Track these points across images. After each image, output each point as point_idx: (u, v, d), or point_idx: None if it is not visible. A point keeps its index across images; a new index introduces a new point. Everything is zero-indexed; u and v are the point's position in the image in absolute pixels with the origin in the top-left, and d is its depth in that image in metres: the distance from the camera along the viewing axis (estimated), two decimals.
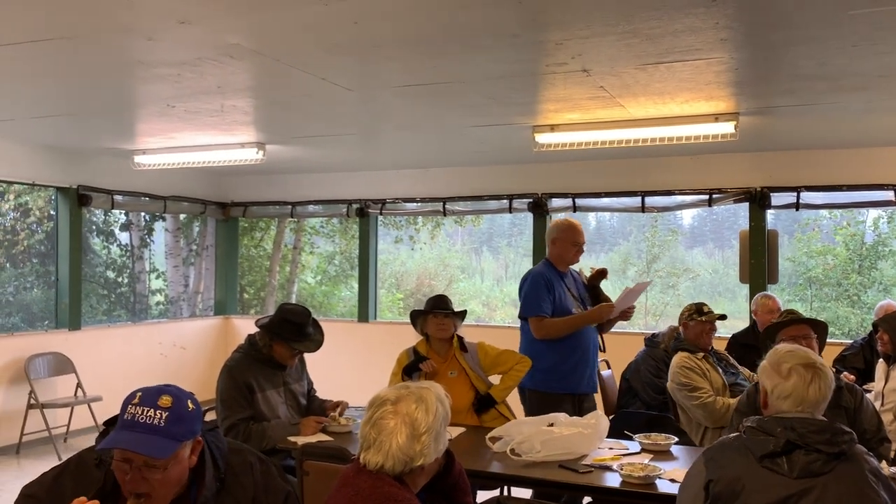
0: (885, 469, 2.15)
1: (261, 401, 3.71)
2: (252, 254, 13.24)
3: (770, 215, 6.80)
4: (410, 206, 8.02)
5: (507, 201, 7.47)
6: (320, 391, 4.19)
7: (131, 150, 6.76)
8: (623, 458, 3.26)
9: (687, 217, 21.11)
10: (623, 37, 3.37)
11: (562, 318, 4.24)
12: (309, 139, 6.15)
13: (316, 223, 13.68)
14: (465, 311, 4.21)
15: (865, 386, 4.56)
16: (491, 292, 18.82)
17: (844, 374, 4.56)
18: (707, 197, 6.73)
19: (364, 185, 8.09)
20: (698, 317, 4.36)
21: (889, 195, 6.17)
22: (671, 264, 16.82)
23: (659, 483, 2.93)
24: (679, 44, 3.46)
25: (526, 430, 3.35)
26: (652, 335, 5.15)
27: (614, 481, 3.00)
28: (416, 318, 4.17)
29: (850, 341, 5.78)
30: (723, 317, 4.45)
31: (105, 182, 7.32)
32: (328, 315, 13.43)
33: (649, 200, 6.94)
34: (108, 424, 1.99)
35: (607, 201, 7.24)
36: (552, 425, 3.41)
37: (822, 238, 14.18)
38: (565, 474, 3.10)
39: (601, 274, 4.61)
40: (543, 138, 5.45)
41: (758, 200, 6.57)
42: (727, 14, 3.09)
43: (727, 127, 4.96)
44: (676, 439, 3.54)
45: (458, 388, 3.96)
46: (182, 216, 11.12)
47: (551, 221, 4.58)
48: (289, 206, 8.49)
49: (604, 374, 5.25)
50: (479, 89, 4.39)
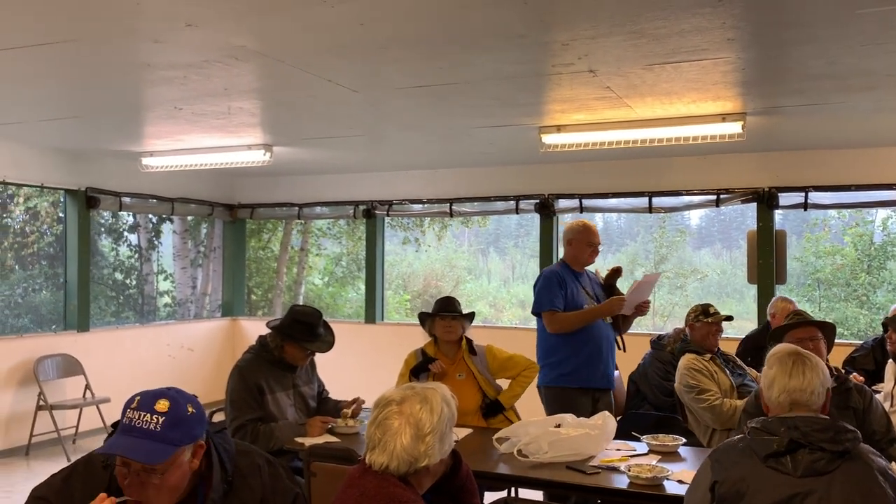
0: (894, 469, 2.14)
1: (270, 402, 3.72)
2: (259, 255, 13.27)
3: (778, 215, 6.77)
4: (417, 208, 8.03)
5: (514, 202, 7.47)
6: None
7: (139, 153, 6.79)
8: (631, 460, 3.26)
9: (694, 217, 21.06)
10: (630, 37, 3.37)
11: (573, 312, 4.33)
12: (316, 141, 6.16)
13: (323, 225, 13.70)
14: (474, 314, 4.21)
15: (875, 387, 4.54)
16: (498, 293, 18.80)
17: (853, 376, 4.54)
18: (715, 197, 6.71)
19: (371, 187, 8.10)
20: (704, 318, 4.35)
21: None
22: (679, 265, 16.78)
23: (667, 484, 2.93)
24: (686, 44, 3.45)
25: (533, 431, 3.34)
26: (658, 337, 5.13)
27: (622, 482, 3.00)
28: (425, 320, 4.18)
29: (860, 342, 5.74)
30: (729, 318, 4.44)
31: (113, 184, 7.35)
32: (335, 316, 13.45)
33: (657, 201, 6.93)
34: (116, 426, 2.00)
35: (614, 202, 7.23)
36: (559, 426, 3.41)
37: (831, 238, 14.12)
38: (573, 475, 3.09)
39: (616, 272, 4.64)
40: (550, 139, 5.45)
41: (766, 200, 6.55)
42: (734, 14, 3.08)
43: (734, 127, 4.94)
44: (684, 440, 3.54)
45: (466, 391, 3.96)
46: (189, 218, 11.15)
47: (566, 223, 4.62)
48: (296, 208, 8.51)
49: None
50: (486, 90, 4.39)
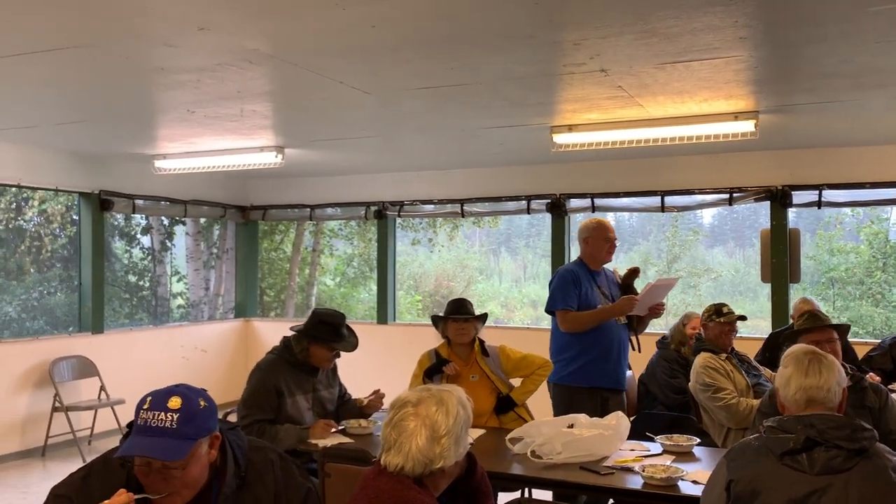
0: None
1: (289, 405, 3.74)
2: (272, 257, 13.32)
3: (791, 214, 6.73)
4: (428, 208, 8.03)
5: (526, 202, 7.46)
6: None
7: (152, 155, 6.83)
8: (645, 460, 3.24)
9: (707, 216, 20.97)
10: (641, 36, 3.36)
11: (586, 312, 4.32)
12: (327, 142, 6.18)
13: (335, 225, 13.73)
14: (486, 315, 4.19)
15: (891, 386, 4.51)
16: (509, 293, 18.78)
17: (870, 375, 4.50)
18: (727, 196, 6.68)
19: (382, 188, 8.12)
20: (717, 318, 4.34)
21: None
22: (692, 264, 16.71)
23: (681, 485, 2.91)
24: (697, 42, 3.44)
25: (546, 432, 3.34)
26: (662, 337, 5.13)
27: (636, 483, 2.99)
28: (438, 323, 4.18)
29: (876, 341, 5.71)
30: (742, 317, 4.43)
31: (126, 187, 7.40)
32: (347, 317, 13.44)
33: (669, 200, 6.90)
34: (131, 427, 2.02)
35: (626, 201, 7.21)
36: (572, 426, 3.40)
37: (845, 236, 14.02)
38: (586, 476, 3.09)
39: (634, 273, 4.62)
40: (561, 139, 5.44)
41: (779, 199, 6.51)
42: (746, 12, 3.06)
43: (747, 125, 4.92)
44: (698, 440, 3.52)
45: (480, 393, 3.96)
46: (202, 220, 11.21)
47: (580, 222, 4.62)
48: (308, 209, 8.53)
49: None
50: (497, 90, 4.39)
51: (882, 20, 3.16)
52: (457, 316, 4.07)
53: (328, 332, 3.79)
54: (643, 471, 2.99)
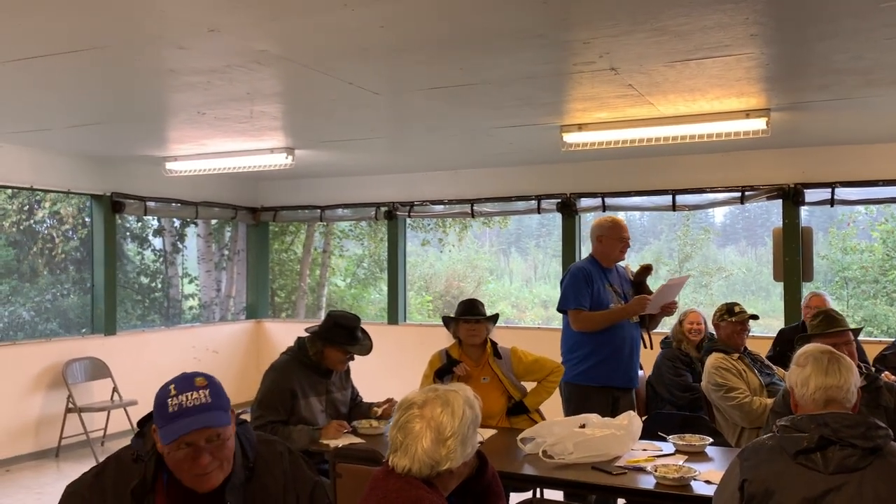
0: None
1: (303, 407, 3.74)
2: (283, 258, 13.36)
3: (804, 212, 6.69)
4: (438, 208, 8.03)
5: (536, 202, 7.44)
6: None
7: (163, 157, 6.86)
8: (657, 460, 3.23)
9: (719, 215, 20.89)
10: (651, 34, 3.34)
11: (599, 312, 4.29)
12: (337, 143, 6.19)
13: (345, 226, 13.76)
14: (497, 315, 4.18)
15: None
16: (520, 293, 18.77)
17: (885, 374, 4.47)
18: (739, 194, 6.64)
19: (392, 188, 8.12)
20: (729, 317, 4.32)
21: None
22: (703, 263, 16.65)
23: (694, 485, 2.90)
24: (708, 40, 3.42)
25: (558, 432, 3.33)
26: (665, 337, 5.11)
27: (648, 483, 2.97)
28: (449, 324, 4.17)
29: (892, 340, 5.66)
30: (754, 317, 4.40)
31: (138, 189, 7.44)
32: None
33: (680, 199, 6.86)
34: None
35: (637, 200, 7.18)
36: (584, 426, 3.39)
37: (859, 234, 13.92)
38: (598, 476, 3.07)
39: (646, 270, 4.60)
40: (571, 138, 5.42)
41: (791, 197, 6.47)
42: (756, 9, 3.04)
43: (759, 123, 4.89)
44: (711, 440, 3.50)
45: (491, 395, 3.95)
46: (213, 221, 11.25)
47: (594, 220, 4.60)
48: (318, 210, 8.55)
49: None
50: (506, 90, 4.38)
51: (894, 16, 3.13)
52: (468, 317, 4.06)
53: (343, 336, 3.79)
54: (655, 471, 2.98)
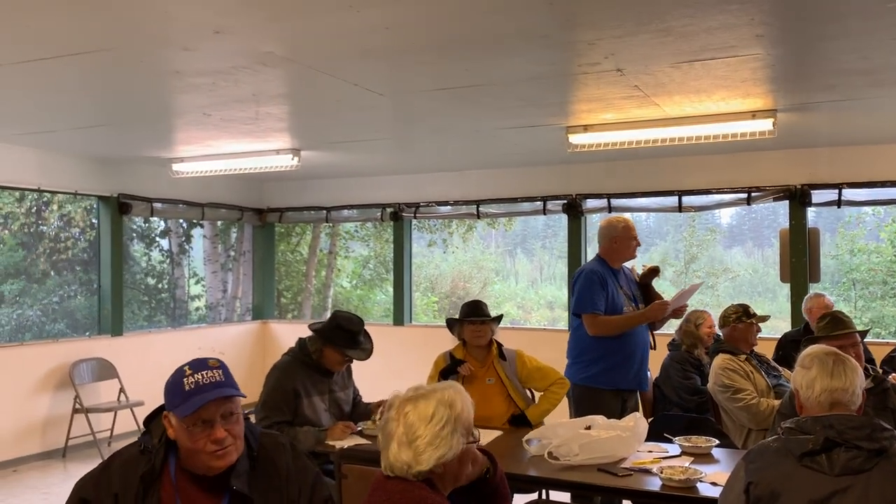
0: None
1: (306, 406, 3.75)
2: (289, 259, 13.38)
3: (811, 213, 6.66)
4: (444, 209, 8.03)
5: (542, 203, 7.44)
6: None
7: (169, 159, 6.88)
8: (663, 462, 3.22)
9: (725, 216, 20.83)
10: (656, 35, 3.34)
11: (617, 316, 4.25)
12: (343, 144, 6.20)
13: (351, 227, 13.77)
14: (501, 316, 4.18)
15: None
16: (526, 294, 18.76)
17: (892, 376, 4.44)
18: (746, 195, 6.62)
19: (398, 189, 8.13)
20: (747, 319, 4.30)
21: None
22: (710, 264, 16.61)
23: (700, 486, 2.89)
24: (714, 41, 3.41)
25: (563, 433, 3.32)
26: (672, 339, 5.10)
27: (654, 485, 2.97)
28: (453, 326, 4.17)
29: None
30: (767, 318, 4.42)
31: (144, 190, 7.46)
32: (364, 319, 13.49)
33: (686, 200, 6.85)
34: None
35: (643, 201, 7.16)
36: (590, 428, 3.38)
37: (866, 235, 13.86)
38: (604, 478, 3.07)
39: (653, 272, 4.56)
40: (577, 139, 5.42)
41: (798, 198, 6.44)
42: (763, 10, 3.03)
43: (765, 124, 4.88)
44: (717, 442, 3.49)
45: (495, 396, 3.93)
46: (219, 222, 11.28)
47: (603, 221, 4.56)
48: (324, 211, 8.56)
49: None
50: (512, 91, 4.38)
51: None
52: (473, 318, 4.05)
53: (344, 338, 3.79)
54: (661, 472, 2.97)
